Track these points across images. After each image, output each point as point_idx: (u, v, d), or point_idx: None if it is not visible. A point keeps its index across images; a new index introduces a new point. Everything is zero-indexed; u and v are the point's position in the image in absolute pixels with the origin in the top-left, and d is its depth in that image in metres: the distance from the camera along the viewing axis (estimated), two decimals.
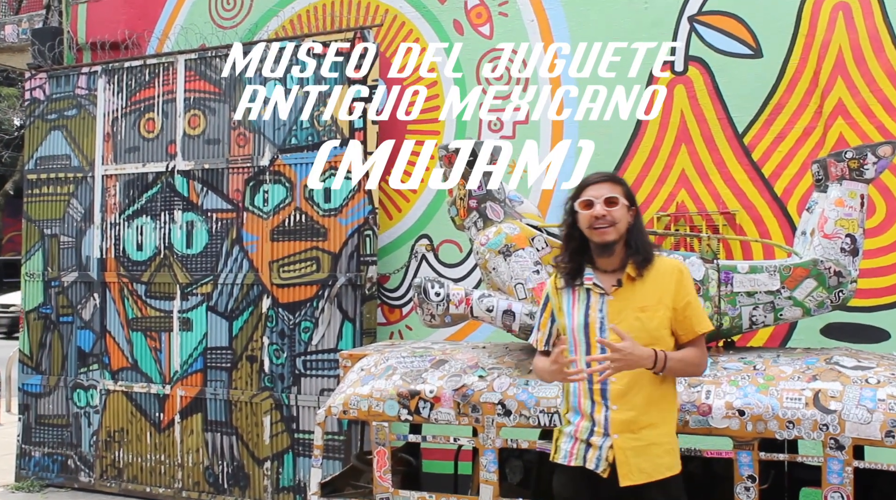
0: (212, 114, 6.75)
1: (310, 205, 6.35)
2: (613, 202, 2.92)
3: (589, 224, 2.94)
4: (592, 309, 2.96)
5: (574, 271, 3.02)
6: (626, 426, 2.89)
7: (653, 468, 2.88)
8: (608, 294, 2.95)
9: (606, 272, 2.98)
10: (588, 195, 2.96)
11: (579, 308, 2.99)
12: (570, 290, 3.04)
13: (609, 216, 2.90)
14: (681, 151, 5.71)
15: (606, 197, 2.93)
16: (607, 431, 2.90)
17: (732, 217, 5.54)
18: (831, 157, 3.93)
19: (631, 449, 2.88)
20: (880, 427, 3.20)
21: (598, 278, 2.98)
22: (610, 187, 2.97)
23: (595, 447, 2.92)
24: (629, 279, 2.94)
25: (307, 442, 6.20)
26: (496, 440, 3.74)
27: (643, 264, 2.94)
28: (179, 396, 6.70)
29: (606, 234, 2.92)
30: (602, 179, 3.02)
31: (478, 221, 4.21)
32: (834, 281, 3.80)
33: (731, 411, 3.39)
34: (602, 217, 2.90)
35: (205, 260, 6.68)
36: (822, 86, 5.37)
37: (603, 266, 2.99)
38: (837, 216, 3.83)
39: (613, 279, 2.96)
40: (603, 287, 2.96)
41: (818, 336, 5.26)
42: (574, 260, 3.03)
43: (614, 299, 2.94)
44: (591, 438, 2.93)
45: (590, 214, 2.93)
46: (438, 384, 3.88)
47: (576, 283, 3.02)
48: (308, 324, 6.30)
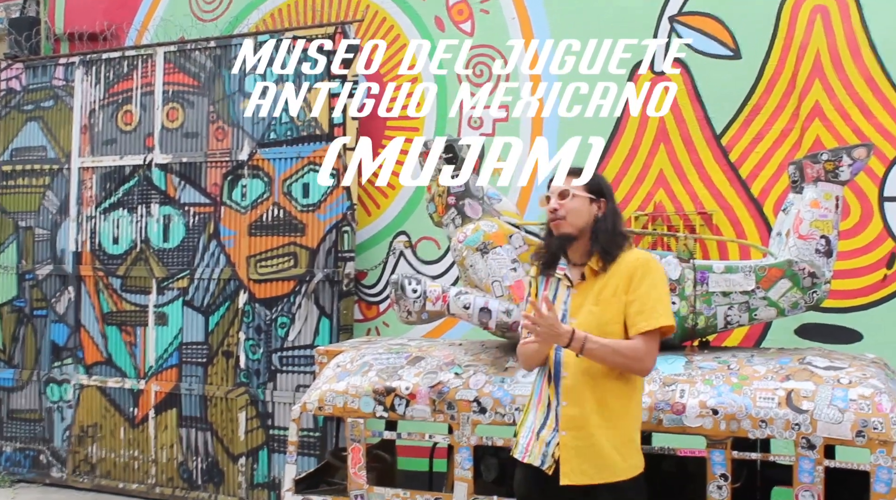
0: (190, 107, 6.70)
1: (288, 200, 6.32)
2: (565, 195, 2.92)
3: (548, 218, 2.97)
4: (558, 301, 2.96)
5: (548, 261, 3.03)
6: (572, 423, 2.82)
7: (595, 471, 2.78)
8: (573, 287, 2.95)
9: (577, 265, 2.98)
10: (548, 191, 2.99)
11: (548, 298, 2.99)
12: (543, 279, 3.06)
13: (561, 210, 2.91)
14: (659, 150, 5.73)
15: (560, 190, 2.93)
16: (557, 426, 2.85)
17: (709, 217, 5.57)
18: (807, 158, 3.96)
19: (574, 448, 2.81)
20: (851, 427, 3.22)
21: (569, 270, 2.98)
22: (568, 180, 2.96)
23: (542, 443, 2.87)
24: (592, 273, 2.92)
25: (282, 438, 6.17)
26: (471, 437, 3.74)
27: (605, 257, 2.90)
28: (154, 391, 6.65)
29: (559, 226, 2.92)
30: (567, 173, 3.01)
31: (456, 218, 4.20)
32: (808, 282, 3.82)
33: (704, 410, 3.41)
34: (553, 211, 2.92)
35: (181, 254, 6.64)
36: (799, 88, 5.41)
37: (573, 259, 2.99)
38: (812, 218, 3.85)
39: (580, 272, 2.96)
40: (570, 280, 2.96)
41: (792, 336, 5.30)
42: (550, 253, 3.03)
43: (577, 293, 2.93)
44: (542, 432, 2.89)
45: (547, 209, 2.96)
46: (414, 381, 3.87)
47: (549, 272, 3.03)
48: (285, 320, 6.28)
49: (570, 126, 5.93)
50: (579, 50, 5.94)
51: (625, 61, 5.83)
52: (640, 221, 5.72)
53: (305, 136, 6.30)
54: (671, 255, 3.98)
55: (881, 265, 5.24)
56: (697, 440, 3.49)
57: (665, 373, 3.60)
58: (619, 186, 5.78)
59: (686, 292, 3.87)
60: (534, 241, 4.03)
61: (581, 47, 5.93)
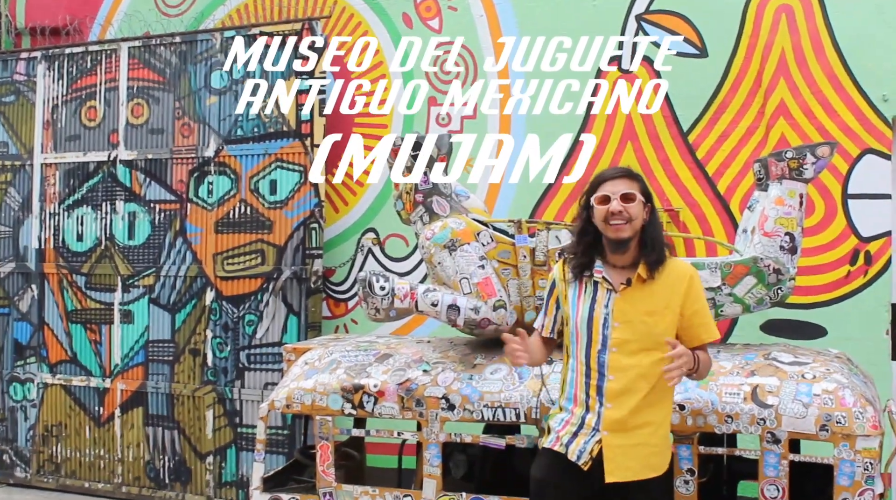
0: (156, 103, 6.63)
1: (255, 197, 6.28)
2: (630, 198, 2.88)
3: (605, 219, 2.90)
4: (598, 304, 2.93)
5: (584, 264, 3.00)
6: (617, 425, 2.87)
7: (640, 468, 2.87)
8: (616, 291, 2.92)
9: (616, 268, 2.95)
10: (605, 190, 2.92)
11: (585, 301, 2.97)
12: (577, 282, 3.02)
13: (625, 213, 2.87)
14: (626, 148, 5.76)
15: (623, 193, 2.89)
16: (598, 426, 2.89)
17: (676, 214, 5.61)
18: (772, 156, 3.99)
19: (619, 447, 2.86)
20: (815, 422, 3.26)
21: (607, 272, 2.95)
22: (627, 183, 2.93)
23: (580, 440, 2.90)
24: (640, 280, 2.90)
25: (250, 436, 6.14)
26: (440, 434, 3.73)
27: (655, 264, 2.90)
28: (120, 389, 6.58)
29: (622, 230, 2.88)
30: (620, 174, 2.98)
31: (424, 215, 4.19)
32: (773, 278, 3.86)
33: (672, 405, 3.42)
34: (618, 213, 2.87)
35: (147, 252, 6.58)
36: (764, 86, 5.46)
37: (614, 261, 2.96)
38: (777, 215, 3.88)
39: (623, 276, 2.93)
40: (611, 283, 2.93)
41: (758, 332, 5.35)
42: (586, 254, 3.00)
43: (621, 298, 2.91)
44: (581, 430, 2.92)
45: (606, 210, 2.89)
46: (382, 379, 3.86)
47: (584, 274, 3.00)
48: (252, 317, 6.24)
49: (537, 123, 5.95)
50: (546, 47, 5.95)
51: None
52: None
53: (272, 132, 6.26)
54: None
55: (845, 262, 5.31)
56: None
57: None
58: (586, 184, 5.80)
59: None
60: (502, 238, 4.03)
61: (547, 44, 5.94)
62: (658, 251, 2.92)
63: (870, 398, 3.37)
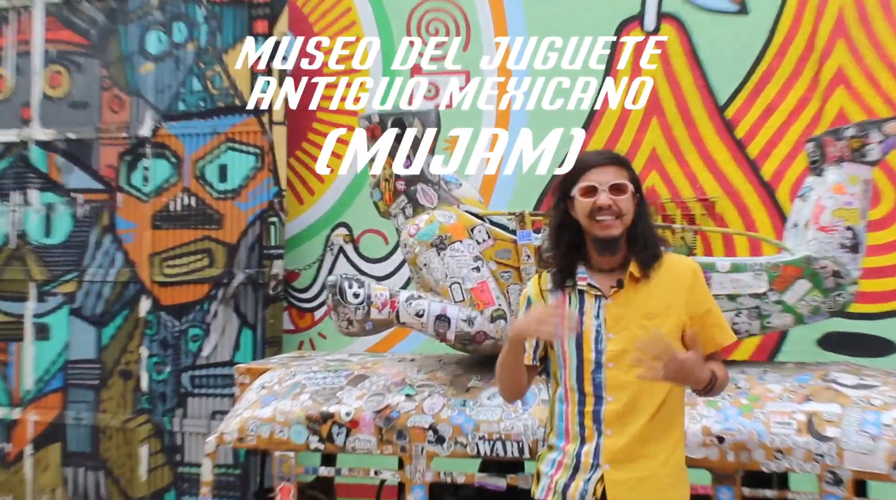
0: (78, 71, 6.61)
1: (201, 185, 6.27)
2: (622, 190, 2.84)
3: (590, 214, 2.85)
4: (587, 316, 2.88)
5: (566, 269, 2.95)
6: (621, 455, 2.82)
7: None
8: (606, 297, 2.88)
9: (604, 271, 2.92)
10: (591, 180, 2.86)
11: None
12: (558, 293, 2.97)
13: (615, 207, 2.82)
14: (651, 125, 5.76)
15: (613, 183, 2.84)
16: (597, 461, 2.84)
17: (712, 205, 5.61)
18: (829, 134, 3.99)
19: (625, 482, 2.81)
20: (886, 458, 3.24)
21: (593, 278, 2.92)
22: (616, 172, 2.87)
23: (580, 481, 2.86)
24: (632, 280, 2.87)
25: (194, 478, 6.10)
26: (427, 473, 3.71)
27: (650, 261, 2.87)
28: (32, 421, 6.55)
29: (611, 228, 2.83)
30: (606, 160, 2.91)
31: (406, 207, 4.17)
32: (831, 282, 3.85)
33: (708, 437, 3.41)
34: (607, 208, 2.82)
35: (67, 252, 6.55)
36: (819, 50, 5.47)
37: (600, 265, 2.92)
38: (836, 205, 3.88)
39: (612, 280, 2.89)
40: (600, 289, 2.90)
41: (813, 348, 5.36)
42: (567, 257, 2.95)
43: (613, 303, 2.87)
44: (578, 470, 2.87)
45: (592, 203, 2.84)
46: (356, 405, 3.84)
47: (566, 284, 2.96)
48: (197, 331, 6.23)
49: (544, 95, 5.95)
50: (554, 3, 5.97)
51: (610, 18, 5.86)
52: None
53: (222, 107, 6.25)
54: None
55: None
56: (701, 475, 3.50)
57: None
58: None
59: None
60: (501, 234, 4.02)
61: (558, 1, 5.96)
62: (652, 247, 2.90)
63: None
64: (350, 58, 6.41)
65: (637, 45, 5.81)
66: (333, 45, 6.44)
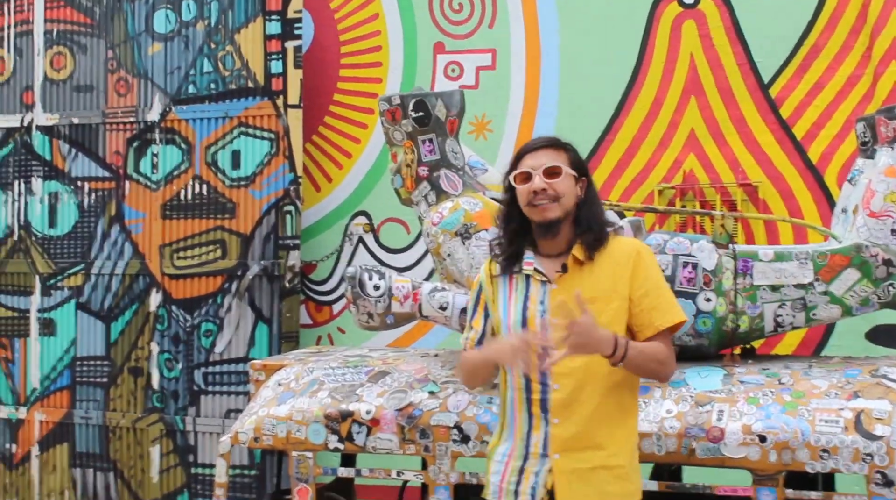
0: (82, 52, 6.66)
1: (213, 172, 6.30)
2: (556, 173, 2.96)
3: (527, 200, 2.97)
4: (532, 301, 3.00)
5: (512, 255, 3.06)
6: (568, 444, 2.91)
7: (600, 496, 2.90)
8: (551, 282, 2.99)
9: (550, 257, 3.03)
10: (525, 166, 3.00)
11: (516, 300, 3.04)
12: (506, 278, 3.09)
13: (550, 190, 2.94)
14: (689, 105, 5.75)
15: (547, 167, 2.96)
16: (546, 451, 2.94)
17: (754, 190, 5.60)
18: (881, 114, 3.97)
19: (573, 472, 2.90)
20: None
21: (539, 263, 3.03)
22: (551, 155, 3.00)
23: (529, 474, 2.95)
24: (576, 263, 2.98)
25: (208, 479, 6.15)
26: (451, 474, 3.74)
27: (595, 244, 2.98)
28: (38, 421, 6.62)
29: (547, 210, 2.95)
30: (542, 144, 3.06)
31: (429, 194, 4.20)
32: (882, 272, 3.84)
33: (749, 436, 3.41)
34: (542, 191, 2.94)
35: (73, 243, 6.61)
36: (871, 22, 5.44)
37: (546, 250, 3.03)
38: (888, 190, 3.86)
39: (558, 264, 3.00)
40: (545, 274, 3.00)
41: (862, 342, 5.34)
42: (513, 243, 3.07)
43: (558, 289, 2.97)
44: (526, 464, 2.97)
45: (528, 189, 2.96)
46: (377, 403, 3.87)
47: (513, 270, 3.07)
48: (210, 326, 6.27)
49: (574, 73, 5.95)
50: None
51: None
52: (666, 195, 5.74)
53: (234, 90, 6.28)
54: (705, 239, 3.99)
55: None
56: (741, 475, 3.51)
57: (698, 389, 3.61)
58: (637, 151, 5.81)
59: (724, 285, 3.88)
60: None
61: None
62: (597, 230, 3.00)
63: None
64: (369, 35, 6.42)
65: (675, 18, 5.80)
66: (352, 23, 6.45)
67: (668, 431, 3.50)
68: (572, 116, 5.94)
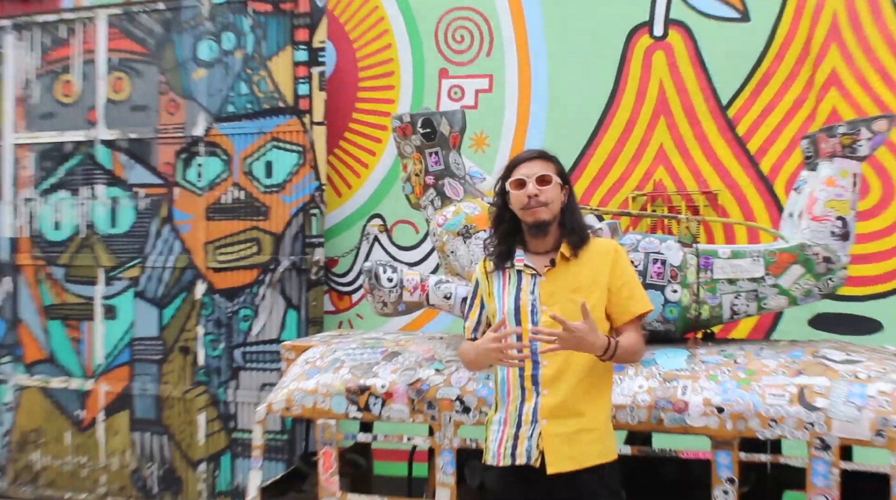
0: (138, 77, 6.65)
1: (249, 180, 6.30)
2: (546, 181, 3.01)
3: (521, 204, 3.02)
4: (524, 292, 3.04)
5: (504, 253, 3.11)
6: (554, 412, 2.96)
7: (582, 455, 2.94)
8: (540, 275, 3.03)
9: (539, 254, 3.08)
10: (519, 174, 3.04)
11: (510, 292, 3.06)
12: (500, 273, 3.13)
13: (542, 196, 2.99)
14: (659, 123, 5.75)
15: (539, 175, 3.01)
16: (536, 417, 2.98)
17: (714, 197, 5.59)
18: (822, 132, 3.98)
19: (559, 436, 2.95)
20: (869, 426, 3.25)
21: (529, 259, 3.07)
22: (542, 165, 3.05)
23: (524, 439, 2.99)
24: (563, 259, 3.03)
25: (246, 442, 6.17)
26: (454, 439, 3.75)
27: (579, 243, 3.04)
28: (103, 391, 6.63)
29: (539, 213, 3.00)
30: (533, 156, 3.10)
31: (435, 199, 4.20)
32: (822, 267, 3.85)
33: (709, 408, 3.43)
34: (535, 196, 2.99)
35: (131, 241, 6.60)
36: (814, 53, 5.43)
37: (535, 248, 3.08)
38: (828, 197, 3.87)
39: (546, 260, 3.05)
40: (535, 268, 3.04)
41: (805, 327, 5.34)
42: (504, 242, 3.12)
43: (546, 281, 3.02)
44: (520, 430, 3.00)
45: (522, 194, 3.01)
46: (391, 379, 3.88)
47: (506, 265, 3.11)
48: (247, 312, 6.27)
49: (561, 97, 5.94)
50: (570, 13, 5.95)
51: (621, 25, 5.84)
52: (639, 201, 5.74)
53: (267, 109, 6.27)
54: (672, 239, 4.00)
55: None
56: (702, 441, 3.52)
57: (666, 368, 3.62)
58: (614, 163, 5.81)
59: (689, 279, 3.89)
60: None
61: (571, 9, 5.94)
62: (580, 232, 3.07)
63: None
64: (383, 62, 6.42)
65: (646, 49, 5.80)
66: (368, 52, 6.45)
67: (640, 403, 3.51)
68: (558, 132, 5.94)
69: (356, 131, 6.48)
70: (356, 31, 6.48)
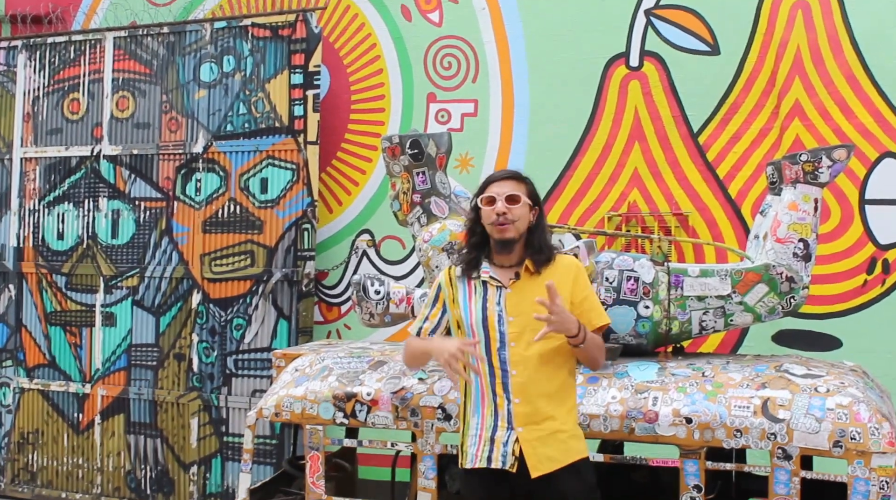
0: (142, 96, 6.63)
1: (245, 195, 6.28)
2: (515, 200, 3.04)
3: (490, 220, 3.05)
4: (490, 302, 3.07)
5: (471, 262, 3.13)
6: (528, 419, 2.99)
7: (560, 454, 2.98)
8: (506, 287, 3.06)
9: (504, 267, 3.11)
10: (491, 192, 3.07)
11: (476, 301, 3.09)
12: (465, 281, 3.15)
13: (510, 214, 3.02)
14: (634, 148, 5.77)
15: (508, 194, 3.04)
16: (511, 424, 3.00)
17: (685, 219, 5.61)
18: (786, 159, 4.01)
19: (536, 439, 2.98)
20: (828, 437, 3.26)
21: (494, 271, 3.10)
22: (513, 185, 3.08)
23: (499, 444, 3.01)
24: (528, 273, 3.06)
25: (237, 446, 6.13)
26: (435, 445, 3.73)
27: (544, 261, 3.08)
28: (100, 395, 6.58)
29: (506, 231, 3.03)
30: (506, 176, 3.14)
31: (421, 216, 4.20)
32: (786, 287, 3.87)
33: (678, 418, 3.43)
34: (503, 214, 3.01)
35: (131, 251, 6.57)
36: (779, 86, 5.47)
37: (500, 262, 3.12)
38: (791, 220, 3.90)
39: (511, 273, 3.08)
40: (500, 281, 3.07)
41: (769, 343, 5.36)
42: (471, 253, 3.14)
43: (512, 292, 3.05)
44: (496, 434, 3.02)
45: (491, 211, 3.04)
46: (376, 387, 3.86)
47: (472, 275, 3.13)
48: (240, 321, 6.24)
49: (542, 122, 5.96)
50: (551, 43, 5.98)
51: (599, 56, 5.87)
52: (614, 221, 5.76)
53: (264, 128, 6.27)
54: (645, 257, 4.01)
55: (861, 270, 5.32)
56: (670, 450, 3.52)
57: (637, 380, 3.62)
58: (591, 185, 5.82)
59: (660, 295, 3.90)
60: None
61: (553, 40, 5.97)
62: (546, 251, 3.10)
63: (886, 414, 3.37)
64: (375, 86, 6.43)
65: (623, 78, 5.83)
66: (360, 76, 6.46)
67: (612, 413, 3.51)
68: (539, 155, 5.95)
69: (348, 151, 6.47)
70: (349, 56, 6.49)
